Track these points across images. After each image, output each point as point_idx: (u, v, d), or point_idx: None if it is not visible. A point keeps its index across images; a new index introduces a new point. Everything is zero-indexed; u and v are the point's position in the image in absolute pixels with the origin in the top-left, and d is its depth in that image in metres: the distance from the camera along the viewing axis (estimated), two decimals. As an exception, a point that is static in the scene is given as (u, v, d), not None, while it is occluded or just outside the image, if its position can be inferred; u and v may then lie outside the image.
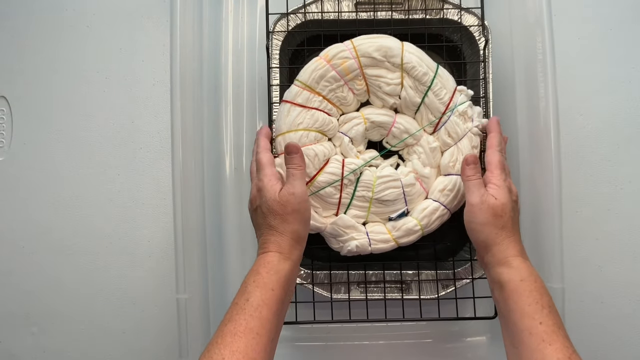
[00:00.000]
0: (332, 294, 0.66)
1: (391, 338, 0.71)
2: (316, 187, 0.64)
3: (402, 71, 0.63)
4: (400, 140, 0.65)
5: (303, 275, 0.67)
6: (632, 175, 0.71)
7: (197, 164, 0.66)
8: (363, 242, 0.64)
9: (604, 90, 0.72)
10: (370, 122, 0.65)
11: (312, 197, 0.64)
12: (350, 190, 0.64)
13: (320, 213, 0.65)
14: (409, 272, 0.67)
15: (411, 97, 0.63)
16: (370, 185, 0.64)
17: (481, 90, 0.66)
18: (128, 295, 0.72)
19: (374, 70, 0.63)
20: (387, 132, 0.65)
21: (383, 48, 0.62)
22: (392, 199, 0.64)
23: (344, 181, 0.64)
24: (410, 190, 0.64)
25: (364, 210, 0.65)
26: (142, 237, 0.72)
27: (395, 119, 0.65)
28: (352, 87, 0.64)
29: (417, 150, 0.65)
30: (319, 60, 0.63)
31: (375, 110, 0.65)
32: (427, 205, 0.64)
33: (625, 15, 0.73)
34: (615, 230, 0.70)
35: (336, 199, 0.64)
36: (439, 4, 0.67)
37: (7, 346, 0.72)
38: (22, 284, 0.72)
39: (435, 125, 0.65)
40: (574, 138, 0.71)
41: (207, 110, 0.70)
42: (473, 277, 0.66)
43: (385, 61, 0.62)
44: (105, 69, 0.74)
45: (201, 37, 0.69)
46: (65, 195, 0.73)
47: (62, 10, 0.75)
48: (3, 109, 0.74)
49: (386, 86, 0.63)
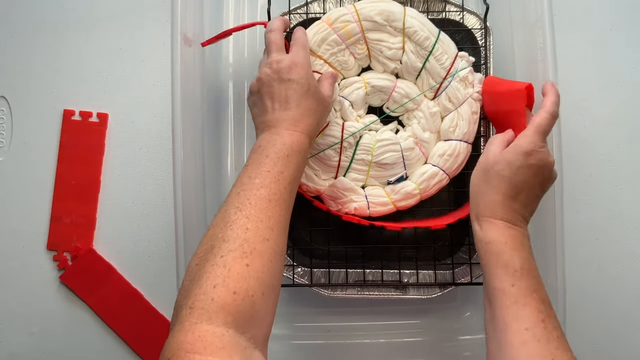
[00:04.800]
0: (329, 285, 0.66)
1: (391, 337, 0.71)
2: (316, 149, 0.64)
3: (404, 35, 0.63)
4: (401, 105, 0.65)
5: (300, 273, 0.67)
6: (632, 175, 0.71)
7: (198, 164, 0.66)
8: (362, 204, 0.64)
9: (604, 90, 0.72)
10: (371, 87, 0.65)
11: (312, 159, 0.64)
12: (350, 154, 0.65)
13: (319, 175, 0.65)
14: (406, 271, 0.66)
15: (412, 61, 0.63)
16: (369, 148, 0.64)
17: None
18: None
19: (376, 34, 0.63)
20: (388, 97, 0.65)
21: (385, 12, 0.62)
22: (391, 162, 0.64)
23: (344, 144, 0.64)
24: (409, 154, 0.64)
25: (363, 173, 0.65)
26: (142, 237, 0.72)
27: (396, 84, 0.65)
28: (354, 51, 0.64)
29: (417, 115, 0.65)
30: (320, 24, 0.63)
31: (376, 75, 0.65)
32: (426, 169, 0.64)
33: (625, 16, 0.73)
34: (615, 230, 0.70)
35: (335, 161, 0.64)
36: (440, 5, 0.67)
37: (7, 346, 0.72)
38: (22, 284, 0.72)
39: (436, 91, 0.65)
40: (574, 138, 0.71)
41: (208, 109, 0.70)
42: (472, 281, 0.66)
43: (387, 25, 0.62)
44: (105, 69, 0.74)
45: (202, 36, 0.69)
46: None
47: (62, 10, 0.75)
48: (3, 109, 0.74)
49: (387, 50, 0.63)
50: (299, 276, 0.66)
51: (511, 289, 0.49)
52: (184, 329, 0.40)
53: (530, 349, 0.46)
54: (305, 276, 0.67)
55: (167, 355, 0.38)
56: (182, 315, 0.41)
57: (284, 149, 0.52)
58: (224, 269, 0.43)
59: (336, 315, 0.65)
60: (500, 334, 0.49)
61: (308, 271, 0.67)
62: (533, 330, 0.47)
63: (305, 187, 0.64)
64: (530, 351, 0.46)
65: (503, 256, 0.51)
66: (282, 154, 0.51)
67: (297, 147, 0.53)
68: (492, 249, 0.51)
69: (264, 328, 0.44)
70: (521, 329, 0.47)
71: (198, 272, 0.43)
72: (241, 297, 0.42)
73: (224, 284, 0.42)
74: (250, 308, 0.42)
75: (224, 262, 0.43)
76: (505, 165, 0.53)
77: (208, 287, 0.42)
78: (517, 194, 0.53)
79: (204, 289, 0.41)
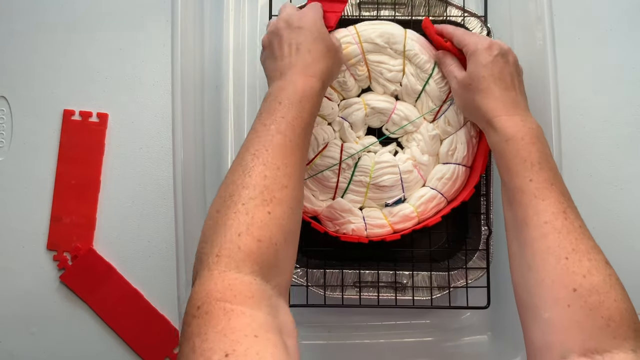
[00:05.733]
0: (325, 291, 0.65)
1: (391, 337, 0.71)
2: (314, 170, 0.64)
3: (404, 58, 0.63)
4: (400, 127, 0.65)
5: (299, 273, 0.67)
6: (632, 175, 0.71)
7: (198, 164, 0.66)
8: (359, 226, 0.64)
9: (604, 90, 0.72)
10: (370, 108, 0.65)
11: (309, 180, 0.64)
12: (348, 175, 0.65)
13: (317, 196, 0.65)
14: (405, 272, 0.66)
15: (412, 84, 0.63)
16: (368, 170, 0.64)
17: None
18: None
19: (376, 56, 0.63)
20: (387, 118, 0.65)
21: (386, 34, 0.62)
22: (389, 185, 0.64)
23: (342, 165, 0.64)
24: (407, 177, 0.64)
25: (361, 195, 0.65)
26: (142, 237, 0.72)
27: (396, 106, 0.65)
28: (354, 73, 0.64)
29: (417, 138, 0.65)
30: None
31: (376, 97, 0.65)
32: (424, 192, 0.64)
33: (625, 16, 0.73)
34: (616, 230, 0.70)
35: (334, 182, 0.64)
36: (442, 5, 0.67)
37: (7, 346, 0.72)
38: (22, 284, 0.72)
39: (436, 114, 0.65)
40: (574, 138, 0.71)
41: (208, 110, 0.70)
42: (467, 285, 0.65)
43: (388, 47, 0.62)
44: (105, 69, 0.74)
45: (202, 36, 0.69)
46: (66, 195, 0.72)
47: (62, 10, 0.74)
48: (3, 109, 0.74)
49: (388, 72, 0.63)
50: (297, 276, 0.66)
51: (529, 185, 0.49)
52: (213, 277, 0.40)
53: (550, 241, 0.46)
54: (303, 277, 0.66)
55: (196, 303, 0.38)
56: (210, 262, 0.41)
57: (297, 94, 0.51)
58: (247, 216, 0.43)
59: (336, 315, 0.65)
60: (520, 233, 0.48)
61: (308, 272, 0.66)
62: (553, 223, 0.46)
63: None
64: (549, 243, 0.46)
65: (521, 152, 0.50)
66: (295, 99, 0.50)
67: (310, 92, 0.52)
68: (510, 147, 0.51)
69: (286, 275, 0.45)
70: (541, 223, 0.47)
71: (220, 219, 0.43)
72: (266, 245, 0.42)
73: (248, 232, 0.42)
74: (274, 257, 0.43)
75: (246, 210, 0.43)
76: (479, 68, 0.55)
77: (233, 235, 0.42)
78: (508, 82, 0.55)
79: (229, 237, 0.42)
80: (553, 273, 0.44)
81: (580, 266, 0.44)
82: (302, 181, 0.50)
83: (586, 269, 0.44)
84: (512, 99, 0.54)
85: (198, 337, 0.36)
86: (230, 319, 0.37)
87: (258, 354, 0.35)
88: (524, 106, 0.55)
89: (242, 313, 0.37)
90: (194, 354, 0.35)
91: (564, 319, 0.43)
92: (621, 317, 0.42)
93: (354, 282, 0.66)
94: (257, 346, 0.35)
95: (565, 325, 0.43)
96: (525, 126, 0.52)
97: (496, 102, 0.54)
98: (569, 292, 0.43)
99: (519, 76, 0.57)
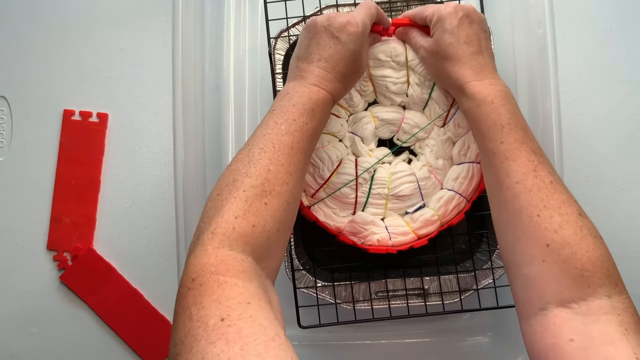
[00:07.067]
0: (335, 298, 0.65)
1: (393, 337, 0.71)
2: (331, 188, 0.64)
3: (407, 69, 0.63)
4: (412, 135, 0.65)
5: (326, 292, 0.66)
6: (632, 175, 0.71)
7: (199, 164, 0.66)
8: (383, 236, 0.63)
9: (604, 90, 0.72)
10: (379, 120, 0.65)
11: (329, 199, 0.64)
12: (366, 189, 0.64)
13: (337, 214, 0.65)
14: (419, 278, 0.66)
15: (418, 94, 0.63)
16: (385, 181, 0.64)
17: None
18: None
19: (380, 70, 0.63)
20: (397, 128, 0.65)
21: (387, 49, 0.62)
22: (408, 194, 0.64)
23: (359, 180, 0.64)
24: (425, 183, 0.64)
25: (381, 207, 0.65)
26: (142, 237, 0.72)
27: (405, 115, 0.65)
28: (359, 89, 0.64)
29: (429, 144, 0.65)
30: None
31: (384, 108, 0.65)
32: (442, 194, 0.64)
33: (625, 16, 0.73)
34: (615, 230, 0.70)
35: (352, 198, 0.64)
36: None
37: (7, 346, 0.72)
38: (22, 284, 0.72)
39: (445, 118, 0.65)
40: (574, 138, 0.71)
41: (209, 110, 0.70)
42: (495, 285, 0.65)
43: (390, 60, 0.62)
44: (105, 69, 0.74)
45: (203, 36, 0.69)
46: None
47: (62, 10, 0.74)
48: (3, 109, 0.74)
49: (393, 85, 0.63)
50: (324, 294, 0.65)
51: (500, 147, 0.50)
52: (207, 252, 0.42)
53: (522, 200, 0.47)
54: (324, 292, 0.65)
55: (191, 276, 0.41)
56: (205, 239, 0.43)
57: (310, 103, 0.52)
58: (246, 203, 0.45)
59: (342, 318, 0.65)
60: (497, 195, 0.50)
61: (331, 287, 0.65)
62: (524, 182, 0.47)
63: (324, 225, 0.64)
64: (522, 202, 0.47)
65: (491, 116, 0.51)
66: (308, 107, 0.51)
67: (322, 105, 0.53)
68: (481, 112, 0.52)
69: (276, 261, 0.48)
70: (512, 184, 0.48)
71: (220, 202, 0.46)
72: (259, 230, 0.45)
73: (245, 216, 0.44)
74: (266, 241, 0.45)
75: (245, 197, 0.45)
76: (445, 34, 0.55)
77: (230, 216, 0.44)
78: (476, 46, 0.54)
79: (225, 218, 0.44)
80: (527, 231, 0.46)
81: (552, 222, 0.46)
82: (303, 181, 0.52)
83: (557, 224, 0.45)
84: (481, 63, 0.54)
85: (194, 306, 0.38)
86: (225, 289, 0.39)
87: (251, 317, 0.37)
88: (491, 68, 0.55)
89: (235, 284, 0.40)
90: (190, 320, 0.38)
91: (540, 273, 0.45)
92: (594, 265, 0.44)
93: (375, 292, 0.65)
94: (250, 311, 0.38)
95: (542, 279, 0.45)
96: (494, 89, 0.52)
97: (465, 69, 0.54)
98: (542, 248, 0.45)
99: (485, 37, 0.56)
